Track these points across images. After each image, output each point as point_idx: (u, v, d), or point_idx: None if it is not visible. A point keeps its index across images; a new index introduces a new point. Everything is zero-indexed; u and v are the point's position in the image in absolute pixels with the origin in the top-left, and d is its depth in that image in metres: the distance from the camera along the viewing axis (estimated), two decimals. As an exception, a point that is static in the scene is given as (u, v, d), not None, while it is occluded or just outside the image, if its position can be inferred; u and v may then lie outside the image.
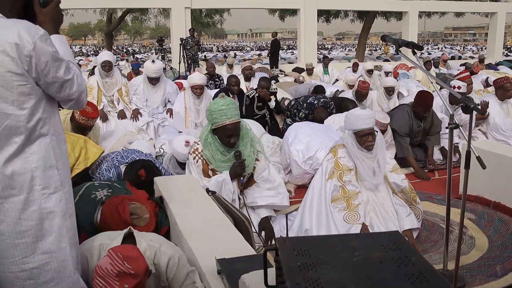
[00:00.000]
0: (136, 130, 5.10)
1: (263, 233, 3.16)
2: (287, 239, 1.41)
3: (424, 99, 4.95)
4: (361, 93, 6.28)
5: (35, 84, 1.58)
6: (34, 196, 1.60)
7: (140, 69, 10.42)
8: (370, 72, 9.18)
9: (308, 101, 5.58)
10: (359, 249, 1.32)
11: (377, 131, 3.21)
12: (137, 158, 3.57)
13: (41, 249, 1.62)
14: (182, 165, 4.04)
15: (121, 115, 5.60)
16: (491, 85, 7.40)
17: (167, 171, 3.87)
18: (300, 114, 6.05)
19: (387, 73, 9.42)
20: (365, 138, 3.15)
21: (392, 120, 4.88)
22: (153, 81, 5.85)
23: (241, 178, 3.17)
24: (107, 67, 5.78)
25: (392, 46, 7.04)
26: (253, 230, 2.89)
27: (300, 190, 4.51)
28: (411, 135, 5.06)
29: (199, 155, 3.26)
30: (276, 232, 3.25)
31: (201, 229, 2.31)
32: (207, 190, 2.92)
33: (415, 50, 2.53)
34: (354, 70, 11.01)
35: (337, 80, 10.44)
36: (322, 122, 5.10)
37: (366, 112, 3.15)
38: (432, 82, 2.62)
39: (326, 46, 43.36)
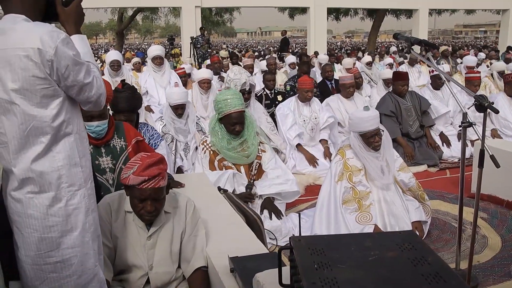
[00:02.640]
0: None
1: (275, 222, 3.21)
2: (301, 238, 1.40)
3: (398, 74, 5.44)
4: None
5: (58, 86, 1.61)
6: (61, 193, 1.65)
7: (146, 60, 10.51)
8: (368, 64, 9.03)
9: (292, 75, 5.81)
10: (373, 248, 1.31)
11: (383, 130, 3.18)
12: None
13: (66, 243, 1.67)
14: (177, 110, 4.40)
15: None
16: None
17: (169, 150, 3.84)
18: (287, 87, 6.50)
19: (391, 65, 9.33)
20: (371, 139, 3.13)
21: (377, 107, 5.08)
22: (157, 60, 6.21)
23: (247, 189, 3.34)
24: (115, 66, 5.84)
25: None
26: (265, 228, 2.89)
27: (311, 188, 4.50)
28: (402, 115, 5.19)
29: (207, 147, 3.42)
30: (288, 230, 3.25)
31: (213, 227, 2.31)
32: (219, 188, 2.93)
33: (427, 48, 2.49)
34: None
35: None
36: (306, 73, 5.94)
37: (370, 113, 3.12)
38: (445, 81, 2.59)
39: (336, 43, 43.10)
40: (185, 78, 6.79)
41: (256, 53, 22.81)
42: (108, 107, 2.79)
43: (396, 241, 1.34)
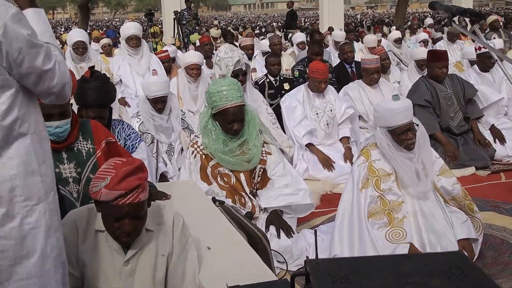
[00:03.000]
0: None
1: (280, 241, 3.20)
2: (320, 261, 1.39)
3: (435, 53, 5.41)
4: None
5: (8, 74, 1.58)
6: (14, 209, 1.61)
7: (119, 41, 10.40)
8: (397, 42, 8.94)
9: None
10: (412, 274, 1.30)
11: (417, 125, 3.16)
12: None
13: (20, 273, 1.63)
14: (156, 104, 4.43)
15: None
16: None
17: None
18: (295, 73, 6.55)
19: (425, 43, 9.32)
20: (403, 136, 3.09)
21: (408, 95, 5.12)
22: (133, 41, 6.25)
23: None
24: (80, 49, 5.82)
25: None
26: (272, 248, 2.89)
27: (328, 197, 4.50)
28: (441, 106, 5.20)
29: (198, 149, 3.40)
30: (300, 251, 3.25)
31: (206, 249, 2.31)
32: (214, 199, 2.92)
33: (473, 19, 2.48)
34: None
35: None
36: (318, 55, 6.12)
37: (400, 104, 3.09)
38: (496, 61, 2.58)
39: (356, 16, 43.21)
40: (169, 64, 6.82)
41: (257, 31, 22.91)
42: (72, 101, 2.76)
43: (440, 265, 1.32)
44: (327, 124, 5.15)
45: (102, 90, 3.08)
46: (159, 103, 4.47)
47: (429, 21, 15.76)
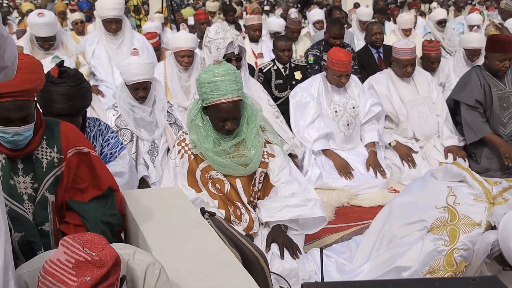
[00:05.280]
0: None
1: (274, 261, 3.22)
2: (319, 285, 1.41)
3: (498, 41, 5.17)
4: (429, 57, 5.98)
5: None
6: None
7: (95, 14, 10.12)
8: (441, 24, 8.66)
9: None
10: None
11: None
12: None
13: None
14: (137, 92, 4.41)
15: None
16: None
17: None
18: (309, 58, 6.52)
19: (471, 27, 9.26)
20: None
21: (456, 90, 5.15)
22: (113, 25, 5.98)
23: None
24: (46, 45, 5.50)
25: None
26: (271, 270, 2.90)
27: (344, 211, 4.50)
28: (493, 108, 5.11)
29: (186, 148, 3.41)
30: (308, 275, 3.28)
31: (192, 270, 2.32)
32: (203, 211, 2.94)
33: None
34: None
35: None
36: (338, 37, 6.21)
37: None
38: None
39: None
40: (159, 51, 6.73)
41: (266, 7, 22.77)
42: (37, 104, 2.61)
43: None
44: (348, 124, 5.13)
45: (73, 95, 3.01)
46: (140, 91, 4.44)
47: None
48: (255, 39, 7.74)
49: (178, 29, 10.29)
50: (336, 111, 5.12)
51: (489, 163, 5.08)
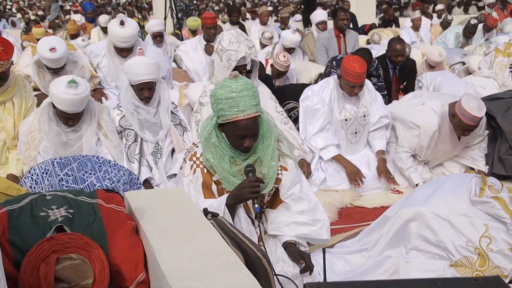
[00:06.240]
0: None
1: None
2: (321, 285, 1.41)
3: None
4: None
5: None
6: None
7: (99, 21, 9.99)
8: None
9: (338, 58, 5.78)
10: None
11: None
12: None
13: None
14: (142, 92, 4.35)
15: None
16: None
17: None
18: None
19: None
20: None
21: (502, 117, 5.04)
22: (124, 52, 5.88)
23: (256, 205, 3.15)
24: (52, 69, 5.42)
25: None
26: (274, 271, 2.90)
27: (347, 212, 4.50)
28: None
29: (198, 163, 3.29)
30: (313, 276, 3.26)
31: (195, 271, 2.32)
32: (205, 212, 2.94)
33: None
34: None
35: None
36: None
37: None
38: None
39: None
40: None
41: (270, 6, 22.74)
42: None
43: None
44: (355, 132, 5.09)
45: None
46: (145, 91, 4.43)
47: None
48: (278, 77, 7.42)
49: (182, 38, 10.28)
50: (346, 119, 5.03)
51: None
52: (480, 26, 9.96)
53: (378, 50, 7.41)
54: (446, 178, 3.64)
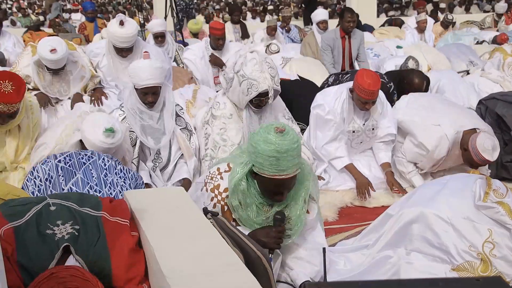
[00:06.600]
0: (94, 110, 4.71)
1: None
2: (321, 285, 1.41)
3: None
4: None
5: None
6: None
7: (99, 18, 9.94)
8: None
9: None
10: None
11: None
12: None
13: None
14: (146, 97, 4.28)
15: (76, 100, 5.58)
16: None
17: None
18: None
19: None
20: None
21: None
22: (123, 52, 5.87)
23: (270, 255, 2.98)
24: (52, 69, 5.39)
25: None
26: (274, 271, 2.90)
27: (347, 211, 4.52)
28: None
29: (220, 198, 3.11)
30: (315, 274, 3.26)
31: (194, 271, 2.32)
32: (205, 211, 2.94)
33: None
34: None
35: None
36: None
37: None
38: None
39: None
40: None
41: (270, 5, 22.71)
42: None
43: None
44: (361, 142, 5.02)
45: None
46: (149, 96, 4.35)
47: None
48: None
49: (182, 38, 10.23)
50: (353, 131, 4.91)
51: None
52: (487, 38, 9.94)
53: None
54: (450, 179, 3.59)
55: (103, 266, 2.49)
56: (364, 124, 4.91)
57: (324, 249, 2.39)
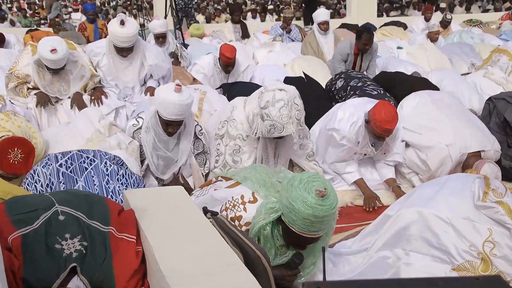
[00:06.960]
0: (105, 127, 4.67)
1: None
2: (320, 284, 1.41)
3: None
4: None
5: None
6: None
7: (99, 20, 9.91)
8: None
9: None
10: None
11: None
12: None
13: None
14: (168, 128, 4.17)
15: (77, 101, 5.56)
16: None
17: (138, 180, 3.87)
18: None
19: None
20: None
21: None
22: (124, 52, 5.86)
23: None
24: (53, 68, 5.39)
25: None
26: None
27: (348, 211, 4.53)
28: None
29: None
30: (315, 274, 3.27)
31: (194, 271, 2.32)
32: (205, 210, 2.94)
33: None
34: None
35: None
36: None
37: None
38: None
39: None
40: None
41: (270, 5, 22.55)
42: None
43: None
44: (366, 158, 4.95)
45: None
46: (171, 127, 4.24)
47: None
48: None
49: (182, 39, 10.20)
50: (365, 154, 4.83)
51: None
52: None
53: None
54: (448, 178, 3.58)
55: (107, 286, 2.52)
56: (376, 151, 4.79)
57: (323, 248, 2.37)
